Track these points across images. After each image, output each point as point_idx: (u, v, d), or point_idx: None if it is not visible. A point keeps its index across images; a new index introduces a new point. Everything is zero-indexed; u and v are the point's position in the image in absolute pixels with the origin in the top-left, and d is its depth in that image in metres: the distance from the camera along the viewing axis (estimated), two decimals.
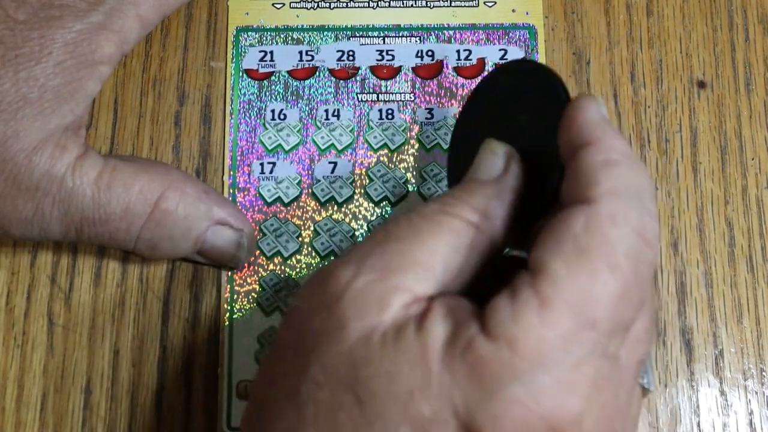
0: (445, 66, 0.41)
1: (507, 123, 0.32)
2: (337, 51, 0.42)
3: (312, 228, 0.39)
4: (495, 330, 0.25)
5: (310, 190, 0.40)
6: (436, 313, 0.26)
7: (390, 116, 0.41)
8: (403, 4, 0.42)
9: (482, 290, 0.27)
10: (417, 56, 0.42)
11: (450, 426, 0.25)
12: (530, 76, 0.32)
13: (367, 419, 0.26)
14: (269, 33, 0.42)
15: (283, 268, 0.39)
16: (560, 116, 0.29)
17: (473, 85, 0.41)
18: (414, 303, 0.27)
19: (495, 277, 0.28)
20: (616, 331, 0.26)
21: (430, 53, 0.42)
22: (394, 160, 0.40)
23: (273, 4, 0.42)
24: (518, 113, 0.32)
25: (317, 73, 0.41)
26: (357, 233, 0.39)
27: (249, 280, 0.39)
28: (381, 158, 0.40)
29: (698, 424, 0.38)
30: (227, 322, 0.38)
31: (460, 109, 0.35)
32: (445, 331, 0.26)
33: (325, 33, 0.42)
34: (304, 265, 0.39)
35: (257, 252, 0.39)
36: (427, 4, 0.42)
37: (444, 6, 0.42)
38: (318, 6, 0.42)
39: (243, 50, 0.41)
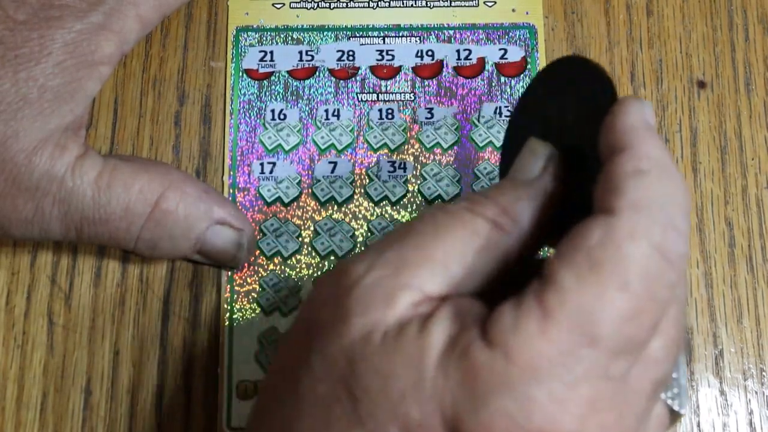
0: (445, 66, 0.41)
1: (556, 121, 0.31)
2: (337, 51, 0.42)
3: (312, 228, 0.39)
4: (494, 337, 0.25)
5: (310, 190, 0.40)
6: (442, 315, 0.26)
7: (390, 116, 0.41)
8: (403, 4, 0.42)
9: (511, 290, 0.26)
10: (417, 56, 0.42)
11: (437, 431, 0.25)
12: (581, 72, 0.31)
13: (358, 416, 0.25)
14: (269, 33, 0.42)
15: (283, 268, 0.39)
16: (604, 116, 0.28)
17: (473, 85, 0.41)
18: (424, 302, 0.27)
19: (526, 277, 0.27)
20: (622, 352, 0.25)
21: (430, 53, 0.42)
22: (394, 159, 0.40)
23: (273, 4, 0.42)
24: (567, 111, 0.31)
25: (317, 73, 0.41)
26: (357, 233, 0.39)
27: (249, 280, 0.39)
28: (381, 158, 0.40)
29: (698, 424, 0.38)
30: (227, 322, 0.38)
31: (517, 102, 0.34)
32: (447, 334, 0.25)
33: (325, 33, 0.42)
34: (304, 265, 0.39)
35: (257, 252, 0.39)
36: (427, 4, 0.42)
37: (444, 6, 0.42)
38: (318, 6, 0.42)
39: (243, 50, 0.41)
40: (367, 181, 0.40)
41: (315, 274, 0.39)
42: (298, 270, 0.39)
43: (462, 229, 0.28)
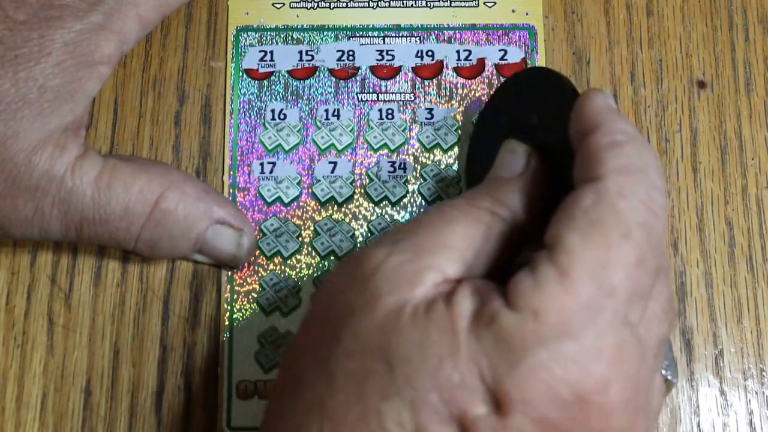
0: (445, 66, 0.41)
1: (522, 126, 0.34)
2: (337, 51, 0.42)
3: (312, 228, 0.39)
4: (518, 302, 0.26)
5: (310, 190, 0.40)
6: (464, 291, 0.27)
7: (390, 116, 0.41)
8: (403, 4, 0.42)
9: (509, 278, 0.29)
10: (417, 56, 0.42)
11: (477, 392, 0.26)
12: (540, 79, 0.35)
13: (396, 386, 0.26)
14: (269, 33, 0.42)
15: (283, 268, 0.39)
16: (570, 111, 0.31)
17: (473, 85, 0.41)
18: (444, 283, 0.28)
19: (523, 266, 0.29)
20: (635, 298, 0.27)
21: (430, 53, 0.42)
22: (394, 159, 0.40)
23: (273, 4, 0.42)
24: (531, 115, 0.34)
25: (317, 73, 0.41)
26: (357, 233, 0.39)
27: (249, 280, 0.39)
28: (381, 158, 0.40)
29: (698, 424, 0.38)
30: (227, 322, 0.38)
31: (476, 118, 0.38)
32: (472, 305, 0.27)
33: (325, 33, 0.42)
34: (304, 265, 0.39)
35: (257, 252, 0.39)
36: (427, 4, 0.42)
37: (444, 6, 0.42)
38: (318, 6, 0.42)
39: (243, 50, 0.41)
40: (367, 181, 0.40)
41: (315, 274, 0.39)
42: (298, 270, 0.39)
43: (468, 218, 0.30)
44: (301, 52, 0.41)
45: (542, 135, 0.33)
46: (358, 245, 0.39)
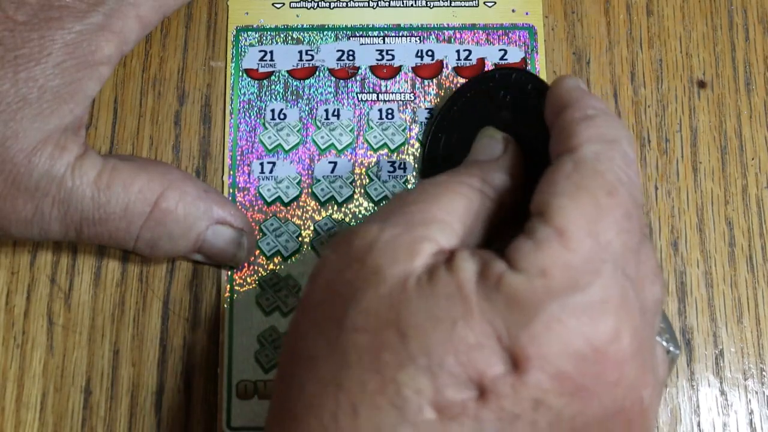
0: (445, 66, 0.41)
1: (494, 120, 0.35)
2: (337, 51, 0.42)
3: (312, 228, 0.39)
4: (523, 263, 0.27)
5: (310, 190, 0.40)
6: (463, 255, 0.28)
7: (390, 116, 0.41)
8: (403, 4, 0.42)
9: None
10: (417, 56, 0.42)
11: (494, 351, 0.26)
12: (504, 79, 0.37)
13: (410, 355, 0.27)
14: (269, 33, 0.42)
15: (283, 268, 0.39)
16: (543, 98, 0.33)
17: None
18: (440, 252, 0.29)
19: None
20: (628, 253, 0.28)
21: (430, 53, 0.42)
22: (394, 159, 0.40)
23: (273, 4, 0.42)
24: (501, 112, 0.36)
25: (317, 73, 0.41)
26: None
27: (249, 280, 0.39)
28: (381, 158, 0.40)
29: (698, 424, 0.38)
30: (227, 322, 0.38)
31: (432, 126, 0.39)
32: (475, 267, 0.27)
33: (325, 33, 0.42)
34: (303, 265, 0.39)
35: (257, 252, 0.39)
36: (427, 4, 0.42)
37: (444, 6, 0.42)
38: (318, 6, 0.42)
39: (243, 50, 0.41)
40: (367, 181, 0.40)
41: None
42: (298, 270, 0.39)
43: (453, 194, 0.30)
44: (301, 52, 0.41)
45: (514, 129, 0.34)
46: None
